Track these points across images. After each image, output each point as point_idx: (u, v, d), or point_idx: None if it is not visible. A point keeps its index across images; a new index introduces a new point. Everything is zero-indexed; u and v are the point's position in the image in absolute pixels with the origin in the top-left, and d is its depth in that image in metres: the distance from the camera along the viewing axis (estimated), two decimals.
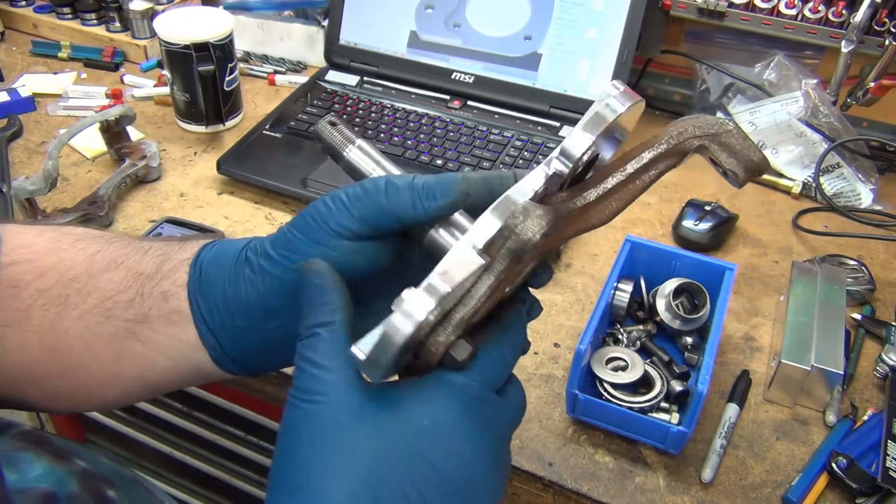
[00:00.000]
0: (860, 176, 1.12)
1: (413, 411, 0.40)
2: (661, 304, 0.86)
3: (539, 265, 0.51)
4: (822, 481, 0.73)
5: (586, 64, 1.17)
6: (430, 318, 0.39)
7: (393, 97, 1.23)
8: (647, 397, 0.77)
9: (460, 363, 0.42)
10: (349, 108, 1.21)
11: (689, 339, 0.86)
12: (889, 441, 0.74)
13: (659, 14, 1.17)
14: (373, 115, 1.19)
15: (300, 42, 1.36)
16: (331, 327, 0.41)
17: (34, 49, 1.38)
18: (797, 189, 1.12)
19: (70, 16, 1.41)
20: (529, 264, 0.47)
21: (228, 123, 1.20)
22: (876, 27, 1.04)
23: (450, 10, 1.23)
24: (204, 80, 1.12)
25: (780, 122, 1.13)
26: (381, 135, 1.15)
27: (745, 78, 1.19)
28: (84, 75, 1.34)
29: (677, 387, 0.78)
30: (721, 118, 0.47)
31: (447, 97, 1.22)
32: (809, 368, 0.77)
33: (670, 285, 0.86)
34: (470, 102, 1.21)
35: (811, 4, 1.08)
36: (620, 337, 0.86)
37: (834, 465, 0.73)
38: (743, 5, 1.12)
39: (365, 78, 1.27)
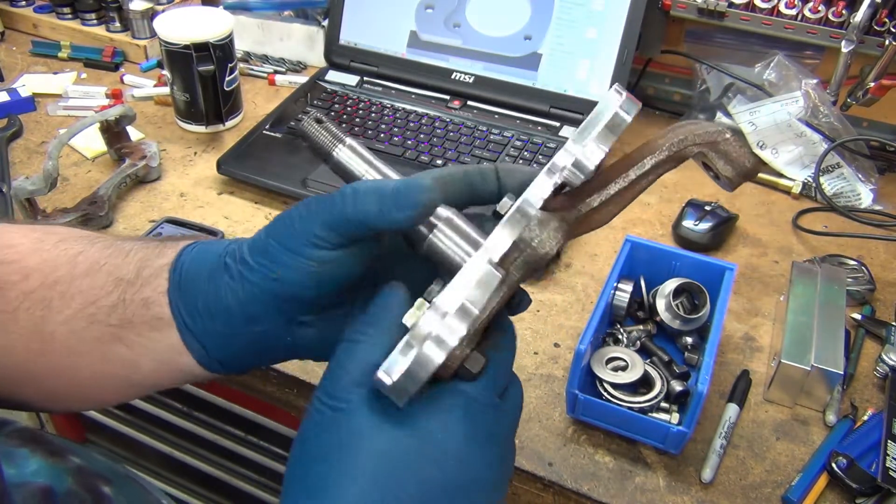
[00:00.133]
0: (860, 176, 1.12)
1: (429, 424, 0.42)
2: (661, 304, 0.86)
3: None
4: (822, 481, 0.73)
5: (586, 64, 1.17)
6: (462, 345, 0.39)
7: (393, 97, 1.23)
8: (647, 397, 0.77)
9: (475, 375, 0.43)
10: (349, 108, 1.21)
11: (689, 339, 0.86)
12: (889, 441, 0.74)
13: (659, 14, 1.17)
14: (373, 115, 1.19)
15: (300, 42, 1.36)
16: (372, 341, 0.43)
17: (34, 49, 1.39)
18: (797, 189, 1.12)
19: (70, 16, 1.41)
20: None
21: (228, 123, 1.20)
22: (876, 27, 1.04)
23: (450, 10, 1.23)
24: (204, 80, 1.12)
25: (780, 122, 1.13)
26: (381, 135, 1.15)
27: (745, 78, 1.19)
28: (84, 75, 1.34)
29: (677, 387, 0.78)
30: (719, 124, 0.48)
31: (447, 97, 1.22)
32: (809, 368, 0.77)
33: (670, 285, 0.86)
34: (470, 102, 1.22)
35: (811, 4, 1.08)
36: (620, 337, 0.86)
37: (834, 465, 0.73)
38: (743, 5, 1.12)
39: (365, 78, 1.27)
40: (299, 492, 0.40)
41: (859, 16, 1.03)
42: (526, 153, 1.11)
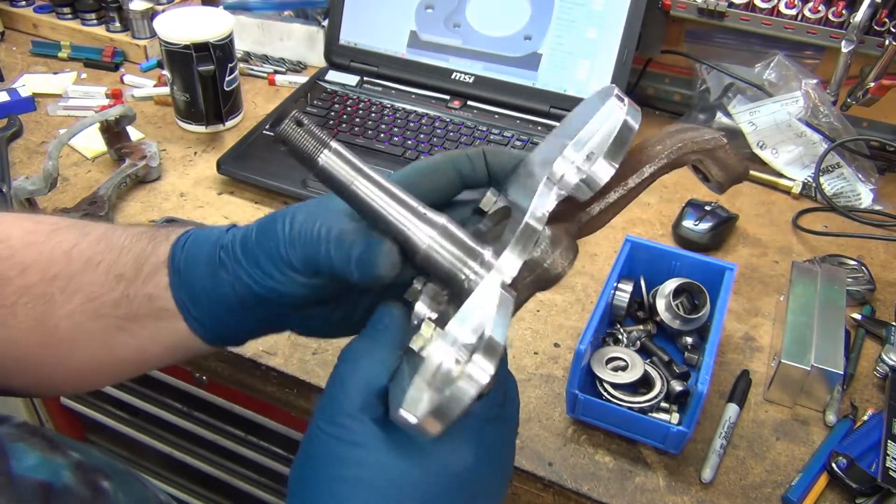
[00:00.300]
0: (860, 176, 1.12)
1: (440, 451, 0.41)
2: (661, 304, 0.86)
3: None
4: (822, 481, 0.73)
5: (586, 64, 1.17)
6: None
7: (393, 97, 1.23)
8: (647, 397, 0.77)
9: (486, 393, 0.42)
10: (349, 108, 1.21)
11: (689, 339, 0.86)
12: (889, 441, 0.74)
13: (659, 14, 1.17)
14: (373, 115, 1.19)
15: (300, 42, 1.36)
16: (375, 363, 0.43)
17: (34, 49, 1.38)
18: (797, 189, 1.12)
19: (70, 16, 1.41)
20: None
21: (228, 123, 1.20)
22: (876, 27, 1.04)
23: (450, 10, 1.23)
24: (204, 80, 1.12)
25: (780, 122, 1.13)
26: (381, 135, 1.15)
27: (745, 78, 1.19)
28: (84, 75, 1.34)
29: (677, 387, 0.78)
30: (714, 131, 0.48)
31: (447, 97, 1.22)
32: (809, 368, 0.77)
33: (670, 285, 0.86)
34: (470, 102, 1.22)
35: (811, 4, 1.08)
36: (620, 337, 0.86)
37: (834, 465, 0.73)
38: (743, 5, 1.12)
39: (365, 78, 1.27)
40: None
41: (859, 16, 1.03)
42: None
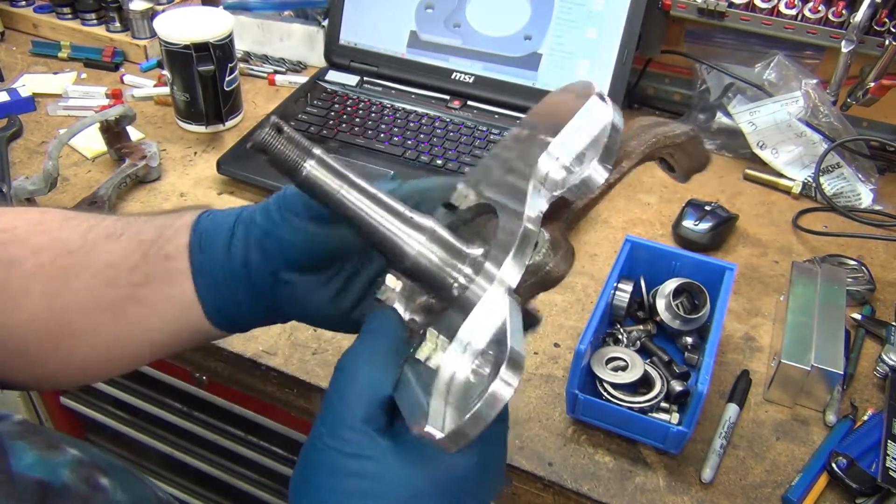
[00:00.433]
0: (860, 176, 1.12)
1: (444, 459, 0.42)
2: (661, 304, 0.86)
3: None
4: (822, 481, 0.73)
5: (586, 64, 1.17)
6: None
7: (393, 97, 1.23)
8: (647, 397, 0.77)
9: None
10: (349, 108, 1.21)
11: (689, 339, 0.86)
12: (889, 441, 0.74)
13: (659, 14, 1.17)
14: (373, 115, 1.19)
15: (300, 42, 1.36)
16: (373, 373, 0.43)
17: (34, 49, 1.38)
18: (797, 189, 1.12)
19: (70, 16, 1.41)
20: None
21: (228, 123, 1.20)
22: (876, 27, 1.04)
23: (450, 10, 1.22)
24: (204, 80, 1.12)
25: (780, 122, 1.13)
26: (381, 135, 1.15)
27: (745, 78, 1.19)
28: (84, 75, 1.34)
29: (677, 387, 0.78)
30: (685, 126, 0.50)
31: (447, 97, 1.22)
32: (809, 368, 0.77)
33: (670, 285, 0.86)
34: (470, 102, 1.21)
35: (811, 4, 1.08)
36: (620, 337, 0.86)
37: (834, 465, 0.73)
38: (743, 5, 1.12)
39: (365, 78, 1.27)
40: None
41: (859, 16, 1.03)
42: None
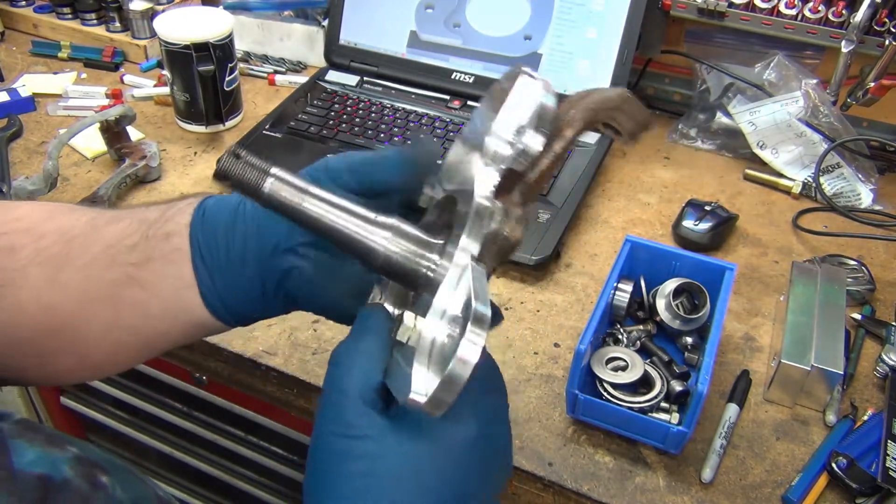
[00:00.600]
0: (860, 176, 1.12)
1: (444, 427, 0.43)
2: (661, 304, 0.86)
3: None
4: (822, 481, 0.73)
5: (586, 64, 1.17)
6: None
7: (393, 97, 1.23)
8: (647, 397, 0.77)
9: (480, 364, 0.43)
10: (349, 108, 1.21)
11: (689, 339, 0.86)
12: (889, 441, 0.74)
13: (659, 14, 1.17)
14: (373, 115, 1.19)
15: (300, 42, 1.36)
16: (367, 363, 0.44)
17: (34, 49, 1.38)
18: (797, 189, 1.12)
19: (70, 16, 1.41)
20: None
21: (228, 123, 1.20)
22: (876, 27, 1.04)
23: (450, 10, 1.23)
24: (204, 80, 1.12)
25: (780, 122, 1.13)
26: (381, 135, 1.15)
27: (745, 78, 1.19)
28: (84, 75, 1.34)
29: (677, 387, 0.78)
30: (618, 89, 0.52)
31: (447, 97, 1.22)
32: (809, 368, 0.77)
33: (670, 285, 0.86)
34: (470, 102, 1.21)
35: (811, 4, 1.08)
36: (620, 337, 0.86)
37: (834, 465, 0.73)
38: (743, 5, 1.12)
39: (365, 78, 1.27)
40: None
41: (859, 16, 1.03)
42: None
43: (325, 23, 1.32)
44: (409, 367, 0.40)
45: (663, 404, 0.78)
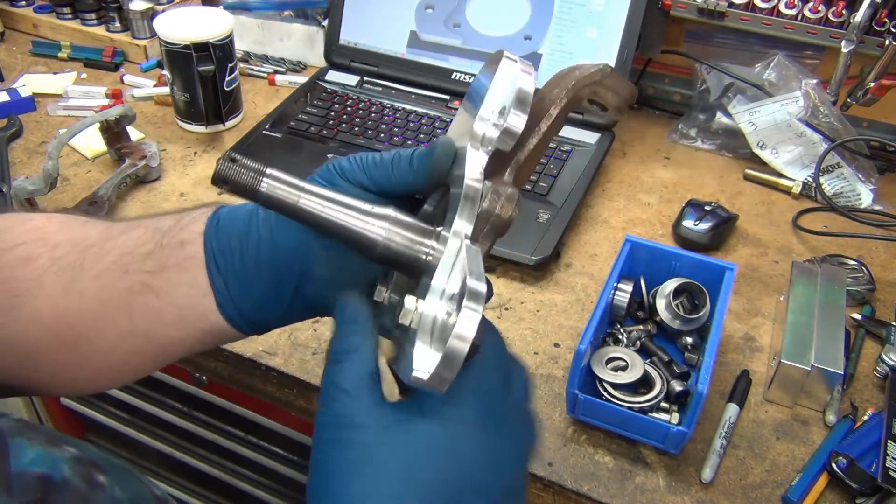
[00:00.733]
0: (860, 176, 1.12)
1: (445, 418, 0.43)
2: (661, 304, 0.86)
3: None
4: (822, 481, 0.73)
5: None
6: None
7: (393, 97, 1.23)
8: (647, 397, 0.77)
9: (478, 343, 0.44)
10: (349, 108, 1.21)
11: (689, 339, 0.86)
12: (889, 441, 0.74)
13: (659, 14, 1.17)
14: (373, 115, 1.19)
15: (300, 42, 1.36)
16: (357, 355, 0.44)
17: (34, 49, 1.38)
18: (797, 189, 1.12)
19: (70, 16, 1.41)
20: None
21: (228, 123, 1.20)
22: (876, 27, 1.04)
23: (450, 10, 1.22)
24: (204, 80, 1.12)
25: (780, 122, 1.13)
26: (381, 135, 1.15)
27: (745, 78, 1.19)
28: (84, 75, 1.34)
29: (677, 387, 0.78)
30: (598, 63, 0.53)
31: (447, 97, 1.22)
32: (809, 368, 0.77)
33: (670, 285, 0.86)
34: None
35: (811, 4, 1.08)
36: (620, 337, 0.86)
37: (834, 465, 0.73)
38: (743, 5, 1.12)
39: (365, 78, 1.27)
40: None
41: (859, 16, 1.03)
42: None
43: (325, 23, 1.32)
44: (412, 348, 0.41)
45: (663, 404, 0.78)
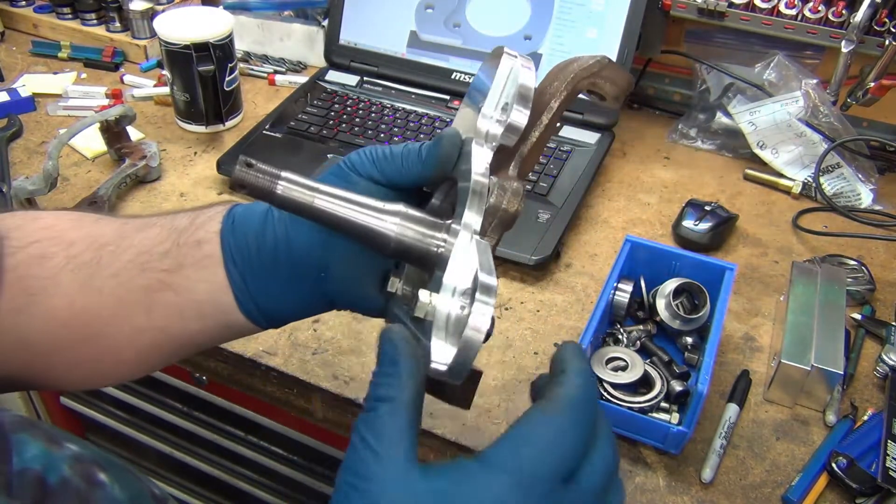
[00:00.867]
0: (860, 176, 1.12)
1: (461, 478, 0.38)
2: (661, 304, 0.86)
3: None
4: (822, 481, 0.73)
5: None
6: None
7: (393, 97, 1.23)
8: (647, 397, 0.77)
9: (488, 336, 0.43)
10: (349, 108, 1.21)
11: (689, 339, 0.86)
12: (889, 441, 0.74)
13: (659, 14, 1.17)
14: (373, 115, 1.19)
15: (300, 42, 1.36)
16: (392, 404, 0.39)
17: (34, 49, 1.38)
18: (797, 189, 1.12)
19: (70, 16, 1.41)
20: None
21: (228, 123, 1.20)
22: (876, 27, 1.04)
23: (450, 10, 1.22)
24: (204, 80, 1.12)
25: (780, 122, 1.13)
26: (381, 135, 1.15)
27: (745, 78, 1.19)
28: (84, 75, 1.34)
29: (677, 387, 0.78)
30: (595, 55, 0.54)
31: (447, 97, 1.22)
32: (809, 368, 0.77)
33: (670, 285, 0.86)
34: None
35: (811, 4, 1.08)
36: (620, 337, 0.86)
37: (834, 465, 0.73)
38: (743, 5, 1.12)
39: (365, 78, 1.27)
40: None
41: (859, 16, 1.03)
42: None
43: (325, 23, 1.32)
44: (429, 341, 0.43)
45: (663, 404, 0.78)
